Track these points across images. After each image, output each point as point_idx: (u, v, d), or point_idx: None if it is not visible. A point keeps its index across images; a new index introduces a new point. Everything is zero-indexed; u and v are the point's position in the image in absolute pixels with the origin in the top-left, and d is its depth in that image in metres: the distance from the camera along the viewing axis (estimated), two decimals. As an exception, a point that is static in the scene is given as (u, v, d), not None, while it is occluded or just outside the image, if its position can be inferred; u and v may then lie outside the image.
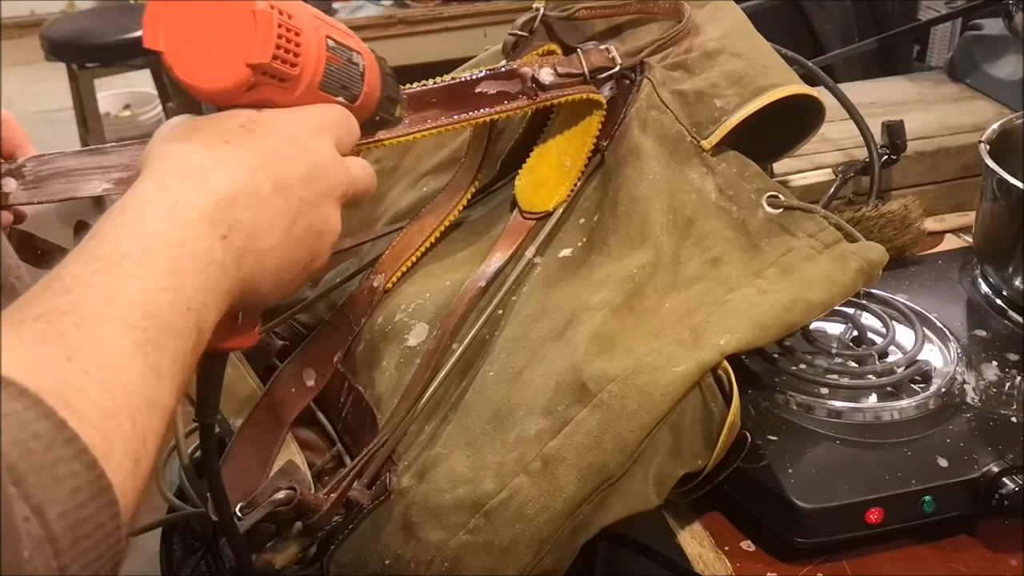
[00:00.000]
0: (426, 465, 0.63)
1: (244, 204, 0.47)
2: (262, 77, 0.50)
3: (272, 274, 0.49)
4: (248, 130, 0.50)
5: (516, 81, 0.70)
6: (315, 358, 0.72)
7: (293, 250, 0.50)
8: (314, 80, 0.53)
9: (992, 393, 0.73)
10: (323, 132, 0.53)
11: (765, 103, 0.74)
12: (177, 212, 0.44)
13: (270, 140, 0.50)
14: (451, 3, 2.36)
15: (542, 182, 0.76)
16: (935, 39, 2.15)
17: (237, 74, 0.49)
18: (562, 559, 0.61)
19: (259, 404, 0.69)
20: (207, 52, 0.49)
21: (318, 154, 0.52)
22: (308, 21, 0.52)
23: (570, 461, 0.60)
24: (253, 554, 0.60)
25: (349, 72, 0.55)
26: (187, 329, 0.42)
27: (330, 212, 0.53)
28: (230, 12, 0.49)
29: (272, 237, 0.48)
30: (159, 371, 0.40)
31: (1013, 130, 0.89)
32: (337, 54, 0.54)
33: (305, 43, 0.51)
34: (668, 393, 0.61)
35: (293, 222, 0.50)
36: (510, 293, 0.71)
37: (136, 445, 0.38)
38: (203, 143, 0.48)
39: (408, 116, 0.66)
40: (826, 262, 0.69)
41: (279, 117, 0.51)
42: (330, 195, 0.53)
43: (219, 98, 0.51)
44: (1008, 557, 0.66)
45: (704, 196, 0.73)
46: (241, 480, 0.64)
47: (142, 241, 0.42)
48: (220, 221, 0.46)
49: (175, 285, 0.42)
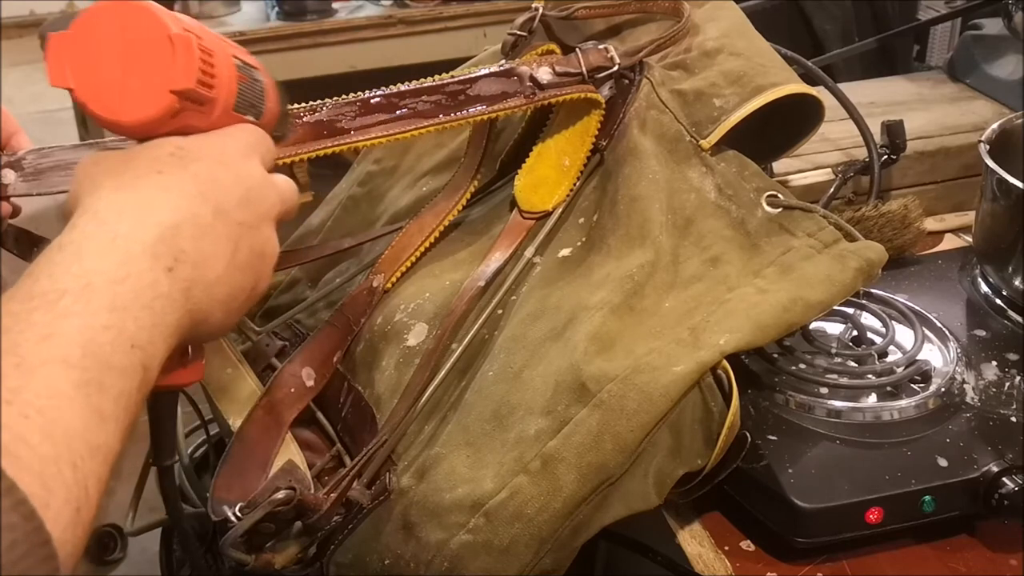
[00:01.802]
0: (426, 465, 0.63)
1: (188, 234, 0.46)
2: (185, 103, 0.49)
3: (221, 303, 0.48)
4: (179, 158, 0.48)
5: (514, 80, 0.70)
6: (315, 358, 0.72)
7: (239, 276, 0.49)
8: (229, 101, 0.52)
9: (992, 393, 0.73)
10: (250, 153, 0.52)
11: (764, 102, 0.74)
12: (118, 246, 0.43)
13: (202, 166, 0.49)
14: (451, 3, 2.36)
15: (541, 182, 0.76)
16: (935, 39, 2.15)
17: (161, 103, 0.48)
18: (562, 559, 0.61)
19: (258, 404, 0.69)
20: (122, 84, 0.48)
21: (251, 176, 0.51)
22: (216, 41, 0.52)
23: (570, 461, 0.60)
24: (253, 554, 0.60)
25: (255, 89, 0.55)
26: (131, 368, 0.41)
27: (268, 233, 0.52)
28: (142, 40, 0.48)
29: (218, 265, 0.48)
30: (102, 413, 0.39)
31: (1013, 130, 0.88)
32: (244, 73, 0.54)
33: (218, 64, 0.51)
34: (668, 393, 0.61)
35: (236, 247, 0.49)
36: (509, 293, 0.71)
37: (77, 493, 0.36)
38: (136, 176, 0.47)
39: (406, 116, 0.66)
40: (825, 261, 0.69)
41: (205, 142, 0.50)
42: (267, 216, 0.52)
43: (141, 130, 0.49)
44: (1008, 557, 0.66)
45: (703, 195, 0.73)
46: (240, 480, 0.64)
47: (81, 277, 0.41)
48: (165, 253, 0.44)
49: (117, 322, 0.41)
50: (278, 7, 2.35)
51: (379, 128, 0.67)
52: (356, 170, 0.89)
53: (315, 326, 0.77)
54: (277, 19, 2.34)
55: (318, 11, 2.33)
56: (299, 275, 0.85)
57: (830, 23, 1.98)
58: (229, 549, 0.58)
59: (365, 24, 2.34)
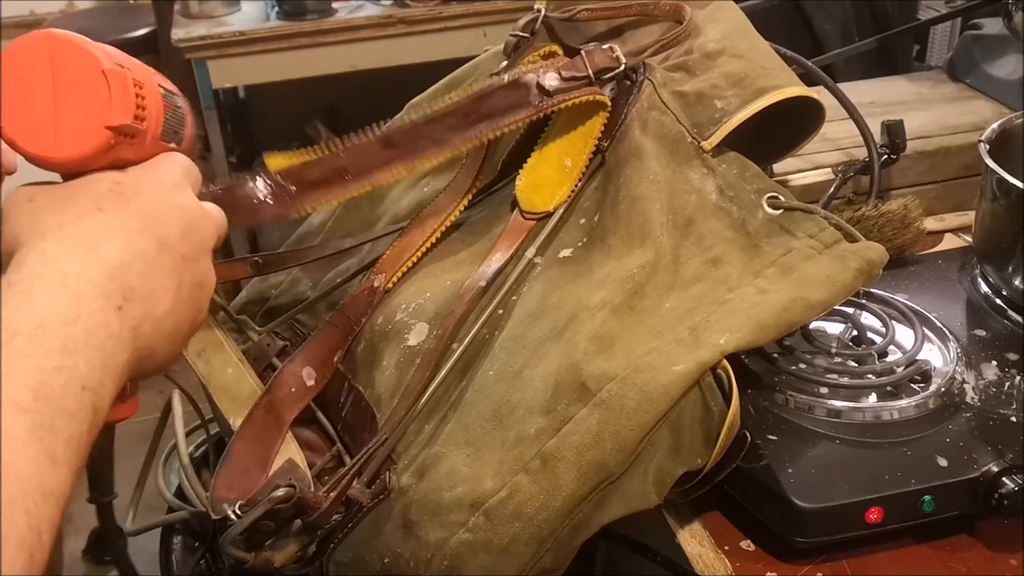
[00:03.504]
0: (426, 464, 0.63)
1: (136, 270, 0.45)
2: (118, 137, 0.48)
3: (167, 337, 0.48)
4: (118, 193, 0.48)
5: (522, 91, 0.71)
6: (315, 358, 0.72)
7: (183, 309, 0.49)
8: (157, 131, 0.52)
9: (992, 393, 0.73)
10: (183, 183, 0.52)
11: (766, 104, 0.74)
12: (68, 286, 0.42)
13: (143, 200, 0.48)
14: (451, 3, 2.36)
15: (543, 182, 0.76)
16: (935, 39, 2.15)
17: (96, 139, 0.47)
18: (561, 558, 0.61)
19: (259, 403, 0.69)
20: (54, 120, 0.47)
21: (188, 207, 0.51)
22: (143, 72, 0.51)
23: (569, 460, 0.60)
24: (252, 552, 0.60)
25: (178, 116, 0.55)
26: (82, 410, 0.40)
27: (207, 264, 0.52)
28: (74, 75, 0.47)
29: (166, 300, 0.47)
30: (54, 456, 0.38)
31: (1013, 130, 0.89)
32: (168, 101, 0.53)
33: (148, 95, 0.50)
34: (667, 392, 0.61)
35: (180, 281, 0.49)
36: (510, 293, 0.71)
37: (31, 539, 0.36)
38: (79, 214, 0.46)
39: (424, 146, 0.68)
40: (826, 262, 0.69)
41: (141, 175, 0.50)
42: (205, 247, 0.52)
43: (75, 166, 0.49)
44: (1008, 557, 0.66)
45: (704, 196, 0.73)
46: (240, 480, 0.64)
47: (33, 318, 0.40)
48: (115, 292, 0.44)
49: (69, 364, 0.40)
50: (278, 7, 2.35)
51: (400, 162, 0.69)
52: (357, 170, 0.89)
53: (316, 326, 0.77)
54: (277, 19, 2.34)
55: (318, 11, 2.32)
56: (300, 275, 0.85)
57: (830, 23, 1.98)
58: (228, 547, 0.59)
59: (365, 24, 2.34)
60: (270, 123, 2.97)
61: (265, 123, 2.99)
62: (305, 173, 0.67)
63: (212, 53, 2.29)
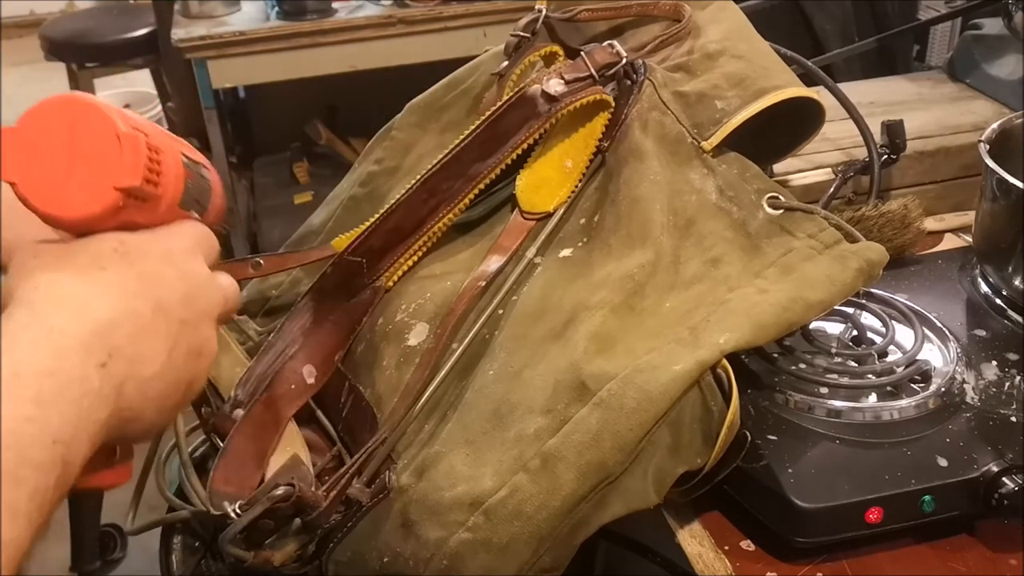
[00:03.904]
0: (425, 463, 0.63)
1: (125, 330, 0.45)
2: (129, 200, 0.48)
3: (154, 401, 0.47)
4: (122, 254, 0.48)
5: (530, 104, 0.72)
6: (316, 356, 0.72)
7: (175, 374, 0.48)
8: (175, 198, 0.52)
9: (992, 393, 0.73)
10: (194, 250, 0.52)
11: (766, 105, 0.74)
12: (52, 339, 0.42)
13: (147, 263, 0.48)
14: (451, 3, 2.36)
15: (543, 183, 0.76)
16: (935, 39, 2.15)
17: (105, 200, 0.47)
18: (561, 557, 0.61)
19: (258, 399, 0.69)
20: (66, 180, 0.47)
21: (194, 274, 0.51)
22: (165, 139, 0.52)
23: (569, 459, 0.60)
24: (252, 551, 0.60)
25: (201, 186, 0.55)
26: (50, 463, 0.40)
27: (208, 332, 0.51)
28: (90, 137, 0.48)
29: (155, 363, 0.47)
30: (14, 509, 0.38)
31: (1013, 130, 0.88)
32: (191, 169, 0.54)
33: (165, 162, 0.51)
34: (667, 391, 0.61)
35: (174, 345, 0.48)
36: (510, 293, 0.71)
37: None
38: (76, 271, 0.46)
39: (460, 184, 0.73)
40: (826, 262, 0.69)
41: (150, 239, 0.50)
42: (208, 315, 0.51)
43: (83, 225, 0.49)
44: (1008, 557, 0.66)
45: (704, 197, 0.73)
46: (237, 473, 0.64)
47: (10, 367, 0.40)
48: (98, 348, 0.43)
49: (41, 416, 0.40)
50: (278, 7, 2.35)
51: (444, 207, 0.74)
52: (357, 170, 0.89)
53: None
54: (277, 19, 2.34)
55: (318, 11, 2.33)
56: (300, 275, 0.85)
57: (830, 23, 1.98)
58: (228, 545, 0.59)
59: (365, 24, 2.34)
60: (270, 123, 2.97)
61: (265, 123, 2.99)
62: (368, 243, 0.73)
63: (212, 53, 2.29)
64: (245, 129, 2.97)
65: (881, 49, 1.77)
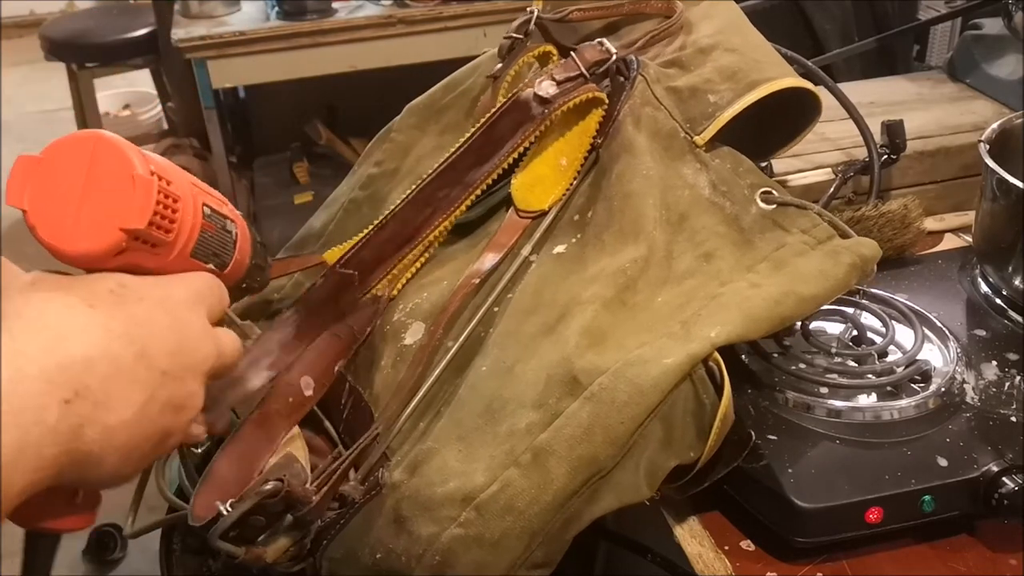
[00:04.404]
0: (418, 459, 0.63)
1: (99, 371, 0.44)
2: (134, 242, 0.48)
3: (118, 450, 0.45)
4: (117, 295, 0.47)
5: (523, 107, 0.72)
6: (315, 367, 0.71)
7: (147, 426, 0.47)
8: (187, 247, 0.52)
9: (992, 393, 0.73)
10: (196, 302, 0.51)
11: (758, 97, 0.74)
12: (16, 363, 0.41)
13: (141, 308, 0.48)
14: (451, 3, 2.36)
15: (538, 181, 0.76)
16: (935, 39, 2.15)
17: (109, 238, 0.48)
18: (553, 552, 0.61)
19: (248, 418, 0.67)
20: (76, 214, 0.48)
21: (189, 325, 0.50)
22: (186, 188, 0.52)
23: (560, 453, 0.60)
24: (243, 547, 0.60)
25: (222, 240, 0.55)
26: None
27: (194, 388, 0.50)
28: (107, 175, 0.48)
29: (125, 411, 0.45)
30: None
31: (1013, 130, 0.89)
32: (212, 221, 0.53)
33: (182, 210, 0.51)
34: (658, 385, 0.61)
35: (152, 396, 0.47)
36: (505, 291, 0.71)
37: None
38: (66, 304, 0.45)
39: (457, 191, 0.73)
40: (819, 257, 0.69)
41: (151, 284, 0.49)
42: (197, 369, 0.50)
43: (84, 262, 0.49)
44: (1008, 557, 0.66)
45: (697, 192, 0.73)
46: (223, 497, 0.62)
47: None
48: (64, 383, 0.42)
49: None
50: (278, 7, 2.35)
51: (440, 215, 0.74)
52: (357, 173, 0.89)
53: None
54: (277, 19, 2.34)
55: (318, 11, 2.33)
56: (302, 279, 0.85)
57: (830, 23, 1.98)
58: (218, 541, 0.58)
59: (365, 24, 2.34)
60: (270, 123, 2.97)
61: (265, 123, 2.99)
62: (360, 255, 0.72)
63: (212, 53, 2.29)
64: (245, 129, 2.97)
65: (881, 49, 1.77)
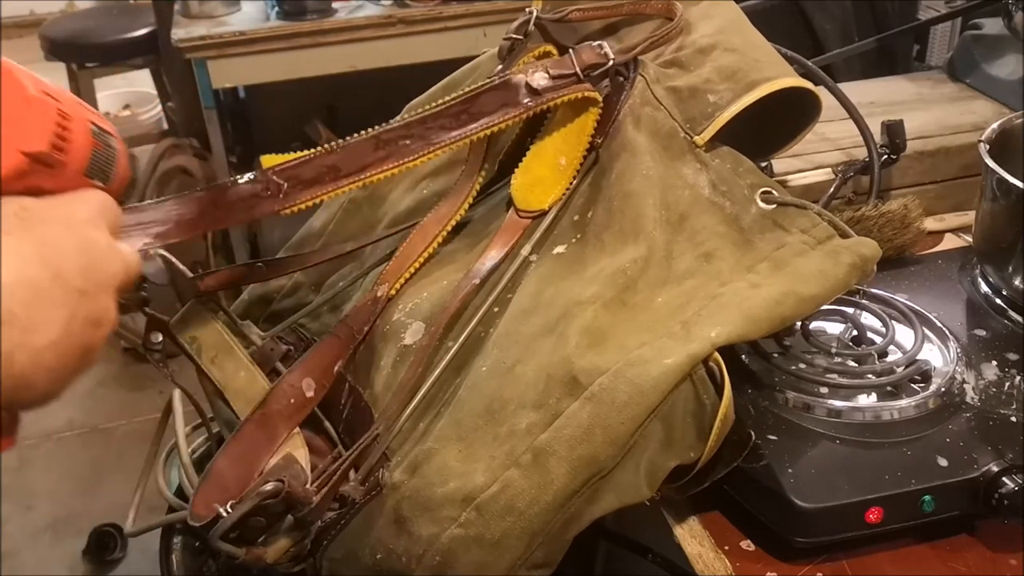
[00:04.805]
0: (418, 460, 0.63)
1: (20, 297, 0.44)
2: (35, 165, 0.48)
3: (48, 371, 0.46)
4: (22, 219, 0.47)
5: (511, 91, 0.71)
6: (316, 368, 0.71)
7: (71, 344, 0.47)
8: (81, 166, 0.52)
9: (992, 393, 0.73)
10: (97, 219, 0.52)
11: (758, 97, 0.74)
12: None
13: (47, 230, 0.48)
14: (451, 3, 2.36)
15: (538, 181, 0.76)
16: (935, 39, 2.15)
17: (10, 163, 0.47)
18: (553, 552, 0.61)
19: (250, 418, 0.67)
20: None
21: (96, 243, 0.51)
22: (75, 106, 0.51)
23: (561, 454, 0.60)
24: (244, 547, 0.60)
25: (108, 156, 0.55)
26: None
27: (106, 303, 0.51)
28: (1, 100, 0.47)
29: (51, 331, 0.46)
30: None
31: (1013, 130, 0.89)
32: (99, 139, 0.53)
33: (74, 129, 0.50)
34: (658, 385, 0.61)
35: (72, 315, 0.47)
36: (506, 291, 0.71)
37: None
38: None
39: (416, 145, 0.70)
40: (818, 257, 0.69)
41: (52, 205, 0.50)
42: (107, 285, 0.51)
43: None
44: (1008, 557, 0.66)
45: (697, 192, 0.73)
46: (221, 498, 0.61)
47: None
48: None
49: None
50: (278, 7, 2.35)
51: (392, 161, 0.70)
52: (357, 172, 0.89)
53: (319, 330, 0.77)
54: (277, 19, 2.34)
55: (318, 11, 2.32)
56: (302, 279, 0.85)
57: (830, 23, 1.98)
58: (218, 542, 0.58)
59: (365, 24, 2.34)
60: (270, 123, 2.96)
61: (265, 123, 2.99)
62: (298, 170, 0.68)
63: (212, 53, 2.28)
64: (245, 129, 2.97)
65: (881, 49, 1.77)
